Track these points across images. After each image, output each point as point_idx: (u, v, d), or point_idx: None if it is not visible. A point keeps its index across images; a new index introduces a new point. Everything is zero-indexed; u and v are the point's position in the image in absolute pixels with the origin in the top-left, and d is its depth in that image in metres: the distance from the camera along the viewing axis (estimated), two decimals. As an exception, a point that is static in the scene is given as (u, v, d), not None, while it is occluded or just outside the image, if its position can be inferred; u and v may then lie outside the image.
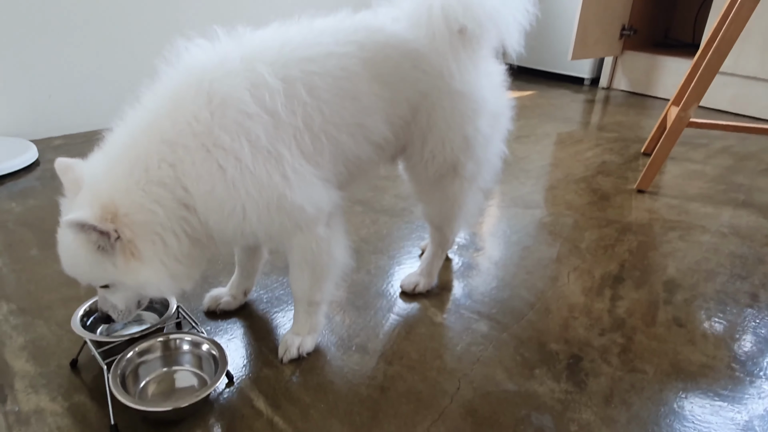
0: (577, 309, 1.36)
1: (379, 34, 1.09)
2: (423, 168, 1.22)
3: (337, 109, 1.03)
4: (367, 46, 1.06)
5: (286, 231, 1.02)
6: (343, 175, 1.11)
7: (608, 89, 3.75)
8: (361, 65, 1.05)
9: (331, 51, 1.03)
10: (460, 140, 1.18)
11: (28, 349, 1.15)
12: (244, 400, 1.04)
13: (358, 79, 1.05)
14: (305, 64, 1.00)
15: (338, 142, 1.05)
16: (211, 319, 1.28)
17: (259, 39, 1.03)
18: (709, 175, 2.28)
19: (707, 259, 1.62)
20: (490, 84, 1.22)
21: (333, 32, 1.05)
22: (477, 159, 1.24)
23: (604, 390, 1.10)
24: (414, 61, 1.11)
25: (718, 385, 1.13)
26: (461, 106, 1.15)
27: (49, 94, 2.36)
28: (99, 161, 0.97)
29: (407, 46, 1.10)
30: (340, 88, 1.03)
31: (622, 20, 3.49)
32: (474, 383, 1.11)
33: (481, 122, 1.19)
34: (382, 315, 1.31)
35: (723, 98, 3.19)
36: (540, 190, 2.08)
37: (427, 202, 1.33)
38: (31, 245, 1.55)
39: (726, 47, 1.86)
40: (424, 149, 1.19)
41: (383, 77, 1.08)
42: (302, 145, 1.00)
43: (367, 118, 1.08)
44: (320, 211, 1.03)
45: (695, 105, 1.96)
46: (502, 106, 1.26)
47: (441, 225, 1.36)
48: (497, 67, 1.24)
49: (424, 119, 1.16)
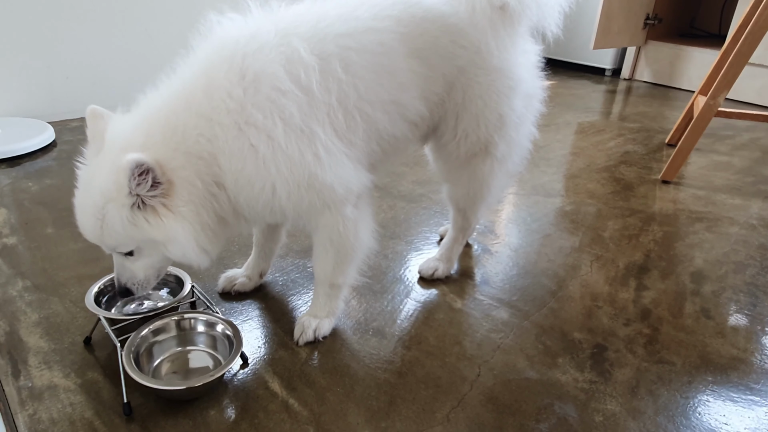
0: (600, 298, 1.32)
1: (416, 8, 1.06)
2: (455, 146, 1.19)
3: (372, 86, 1.00)
4: (405, 21, 1.04)
5: (315, 209, 1.00)
6: (377, 153, 1.08)
7: (630, 80, 3.67)
8: (398, 40, 1.02)
9: (368, 26, 1.00)
10: (495, 118, 1.15)
11: (42, 326, 1.14)
12: (258, 382, 1.02)
13: (396, 55, 1.02)
14: (341, 39, 0.97)
15: (372, 119, 1.02)
16: (226, 300, 1.26)
17: (294, 13, 1.00)
18: (737, 167, 2.21)
19: (736, 250, 1.56)
20: (527, 63, 1.18)
21: (369, 6, 1.03)
22: (509, 139, 1.20)
23: (629, 380, 1.06)
24: (452, 36, 1.08)
25: (750, 379, 1.08)
26: (498, 83, 1.12)
27: (66, 76, 2.35)
28: (132, 122, 0.94)
29: (446, 20, 1.07)
30: (377, 64, 1.00)
31: (647, 9, 3.40)
32: (494, 370, 1.07)
33: (516, 101, 1.16)
34: (400, 300, 1.28)
35: (751, 90, 3.10)
36: (561, 179, 2.03)
37: (454, 182, 1.29)
38: (47, 224, 1.54)
39: (759, 34, 1.79)
40: (458, 127, 1.16)
41: (420, 52, 1.05)
42: (335, 123, 0.97)
43: (403, 94, 1.05)
44: (350, 191, 1.01)
45: (725, 93, 1.89)
46: (536, 86, 1.22)
47: (465, 207, 1.32)
48: (533, 47, 1.21)
49: (460, 95, 1.13)
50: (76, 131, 2.26)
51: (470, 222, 1.36)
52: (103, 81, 2.44)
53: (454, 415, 0.96)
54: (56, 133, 2.17)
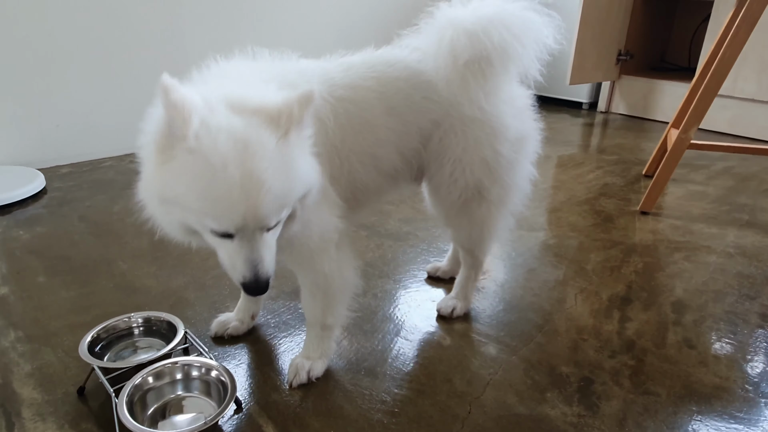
0: (585, 331, 1.35)
1: (393, 68, 1.13)
2: (447, 192, 1.23)
3: (354, 136, 1.07)
4: (382, 80, 1.11)
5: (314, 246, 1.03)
6: (352, 202, 1.13)
7: (606, 113, 3.80)
8: (377, 98, 1.10)
9: (357, 84, 1.08)
10: (478, 163, 1.19)
11: (35, 377, 1.14)
12: (253, 427, 1.03)
13: (376, 112, 1.10)
14: (342, 90, 1.05)
15: (351, 167, 1.08)
16: (219, 344, 1.27)
17: (305, 64, 1.08)
18: (712, 196, 2.29)
19: (714, 279, 1.62)
20: (512, 109, 1.22)
21: (359, 66, 1.11)
22: (502, 183, 1.23)
23: (617, 413, 1.09)
24: (424, 92, 1.14)
25: (732, 408, 1.11)
26: (476, 131, 1.17)
27: (56, 124, 2.39)
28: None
29: (419, 77, 1.14)
30: (362, 118, 1.08)
31: (618, 45, 3.56)
32: (485, 407, 1.09)
33: (501, 146, 1.19)
34: (390, 339, 1.30)
35: (722, 120, 3.23)
36: (543, 213, 2.09)
37: (455, 227, 1.32)
38: (38, 272, 1.55)
39: (725, 69, 1.89)
40: (443, 170, 1.20)
41: (395, 110, 1.12)
42: (331, 165, 1.04)
43: (379, 149, 1.12)
44: (337, 227, 1.06)
45: (695, 126, 1.98)
46: (527, 129, 1.26)
47: (471, 248, 1.35)
48: (521, 91, 1.26)
49: (437, 144, 1.18)
50: (66, 178, 2.28)
51: (480, 260, 1.39)
52: (93, 128, 2.48)
53: (447, 454, 0.98)
54: (47, 180, 2.19)
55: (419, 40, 1.18)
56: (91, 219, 1.91)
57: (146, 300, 1.43)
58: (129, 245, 1.72)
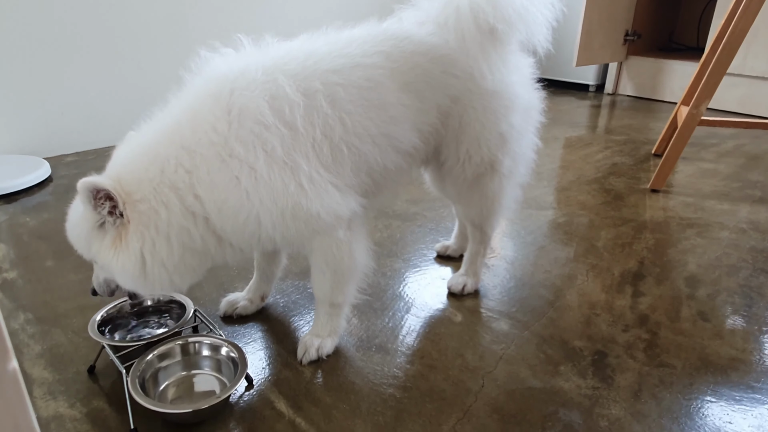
0: (598, 306, 1.34)
1: (406, 42, 1.09)
2: (461, 169, 1.21)
3: (360, 119, 1.02)
4: (394, 56, 1.06)
5: (304, 236, 1.02)
6: (368, 185, 1.09)
7: (614, 95, 3.75)
8: (388, 75, 1.05)
9: (357, 62, 1.03)
10: (495, 138, 1.17)
11: (45, 357, 1.14)
12: (264, 403, 1.02)
13: (385, 90, 1.05)
14: (328, 75, 1.00)
15: (361, 152, 1.04)
16: (228, 324, 1.26)
17: (285, 50, 1.03)
18: (723, 173, 2.26)
19: (728, 254, 1.59)
20: (521, 79, 1.21)
21: (360, 43, 1.06)
22: (513, 154, 1.23)
23: (632, 385, 1.08)
24: (444, 66, 1.11)
25: (750, 378, 1.10)
26: (494, 104, 1.15)
27: (61, 113, 2.38)
28: (119, 152, 1.00)
29: (436, 51, 1.10)
30: (364, 98, 1.03)
31: (626, 25, 3.50)
32: (498, 381, 1.08)
33: (515, 118, 1.18)
34: (401, 316, 1.29)
35: (732, 99, 3.18)
36: (552, 192, 2.07)
37: (466, 203, 1.31)
38: (47, 257, 1.55)
39: (736, 41, 1.85)
40: (459, 150, 1.18)
41: (411, 86, 1.08)
42: (321, 156, 0.99)
43: (394, 127, 1.07)
44: (338, 218, 1.02)
45: (707, 101, 1.94)
46: (533, 99, 1.25)
47: (481, 223, 1.34)
48: (526, 61, 1.24)
49: (456, 122, 1.15)
50: (72, 166, 2.28)
51: (488, 235, 1.37)
52: (97, 116, 2.47)
53: (461, 427, 0.97)
54: (52, 168, 2.18)
55: (422, 14, 1.15)
56: (97, 205, 1.90)
57: (154, 282, 1.42)
58: (136, 230, 1.71)
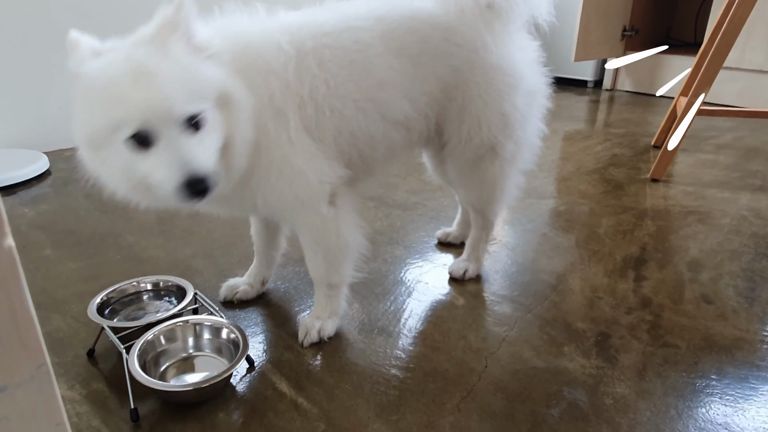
0: (600, 289, 1.33)
1: (403, 8, 1.07)
2: (461, 151, 1.18)
3: (343, 81, 1.00)
4: (387, 19, 1.04)
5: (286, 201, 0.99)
6: (353, 157, 1.06)
7: (612, 90, 3.76)
8: (377, 38, 1.03)
9: (348, 25, 1.02)
10: (497, 118, 1.14)
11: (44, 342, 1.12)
12: (266, 384, 1.01)
13: (372, 52, 1.03)
14: (320, 37, 0.99)
15: (344, 116, 1.01)
16: (228, 308, 1.25)
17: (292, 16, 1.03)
18: (723, 164, 2.26)
19: (730, 240, 1.59)
20: (525, 59, 1.18)
21: (357, 8, 1.05)
22: (516, 138, 1.19)
23: (636, 364, 1.07)
24: (444, 34, 1.08)
25: (755, 357, 1.09)
26: (497, 81, 1.12)
27: (59, 107, 2.37)
28: None
29: (437, 19, 1.08)
30: (348, 60, 1.00)
31: (624, 21, 3.51)
32: (501, 361, 1.07)
33: (519, 99, 1.15)
34: (402, 300, 1.28)
35: (730, 93, 3.18)
36: (552, 182, 2.06)
37: (466, 187, 1.28)
38: (45, 246, 1.54)
39: (735, 29, 1.85)
40: (461, 130, 1.15)
41: (405, 50, 1.05)
42: (305, 117, 0.98)
43: (381, 92, 1.04)
44: (322, 181, 1.00)
45: (706, 89, 1.94)
46: (538, 82, 1.22)
47: (482, 209, 1.32)
48: (530, 42, 1.21)
49: (459, 97, 1.12)
50: (70, 160, 2.26)
51: (490, 220, 1.35)
52: (95, 110, 2.46)
53: (465, 405, 0.96)
54: (51, 162, 2.17)
55: None
56: (96, 197, 1.89)
57: (154, 269, 1.41)
58: (135, 220, 1.71)
